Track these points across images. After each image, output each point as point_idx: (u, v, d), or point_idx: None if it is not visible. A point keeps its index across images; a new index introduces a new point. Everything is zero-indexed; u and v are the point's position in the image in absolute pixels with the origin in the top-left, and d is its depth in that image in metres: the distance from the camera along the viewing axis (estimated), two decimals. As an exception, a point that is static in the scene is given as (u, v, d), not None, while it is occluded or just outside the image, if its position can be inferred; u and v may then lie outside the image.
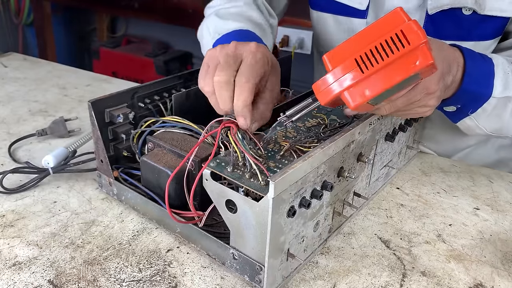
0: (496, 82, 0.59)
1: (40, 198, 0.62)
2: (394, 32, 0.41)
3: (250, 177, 0.45)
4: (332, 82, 0.43)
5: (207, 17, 0.79)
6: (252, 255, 0.46)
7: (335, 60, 0.44)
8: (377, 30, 0.42)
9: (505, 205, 0.65)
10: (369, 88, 0.42)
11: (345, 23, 0.79)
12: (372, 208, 0.63)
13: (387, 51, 0.41)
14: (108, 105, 0.59)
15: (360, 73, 0.42)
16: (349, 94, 0.43)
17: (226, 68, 0.49)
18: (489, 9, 0.65)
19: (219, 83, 0.49)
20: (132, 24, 2.54)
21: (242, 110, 0.48)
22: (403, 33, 0.41)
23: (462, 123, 0.65)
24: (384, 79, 0.42)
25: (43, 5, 2.43)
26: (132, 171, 0.61)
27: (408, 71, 0.41)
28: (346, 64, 0.43)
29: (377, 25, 0.43)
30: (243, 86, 0.48)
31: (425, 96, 0.51)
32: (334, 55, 0.44)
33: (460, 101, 0.60)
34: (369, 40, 0.42)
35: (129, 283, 0.48)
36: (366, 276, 0.51)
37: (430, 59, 0.41)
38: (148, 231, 0.56)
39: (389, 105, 0.49)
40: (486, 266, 0.53)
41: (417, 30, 0.41)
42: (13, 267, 0.50)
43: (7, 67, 1.14)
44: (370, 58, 0.42)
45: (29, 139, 0.77)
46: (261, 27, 0.75)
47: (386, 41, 0.41)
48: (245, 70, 0.49)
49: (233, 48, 0.51)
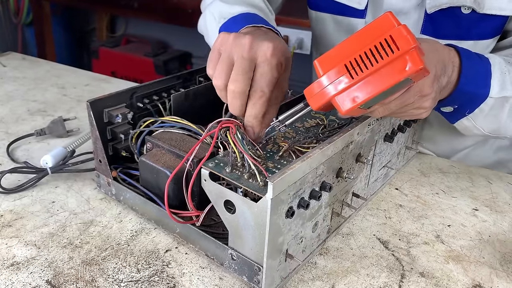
0: (493, 82, 0.58)
1: (38, 198, 0.61)
2: (384, 37, 0.41)
3: (249, 178, 0.45)
4: (323, 87, 0.44)
5: (210, 4, 0.78)
6: (251, 256, 0.46)
7: (325, 65, 0.44)
8: (367, 35, 0.42)
9: (504, 206, 0.65)
10: (359, 93, 0.42)
11: (343, 23, 0.79)
12: (371, 209, 0.63)
13: (376, 56, 0.41)
14: (107, 105, 0.59)
15: (350, 78, 0.42)
16: (340, 99, 0.43)
17: (241, 77, 0.48)
18: (488, 7, 0.65)
19: (233, 93, 0.48)
20: (132, 24, 2.54)
21: (252, 122, 0.48)
22: (392, 39, 0.41)
23: (459, 123, 0.64)
24: (374, 84, 0.42)
25: (42, 5, 2.43)
26: (130, 171, 0.61)
27: (398, 76, 0.41)
28: (336, 70, 0.43)
29: (367, 30, 0.42)
30: (257, 100, 0.48)
31: (419, 98, 0.50)
32: (324, 60, 0.44)
33: (457, 102, 0.60)
34: (359, 45, 0.42)
35: (127, 283, 0.48)
36: (364, 277, 0.50)
37: (420, 64, 0.40)
38: (147, 231, 0.56)
39: (383, 108, 0.49)
40: (485, 267, 0.53)
41: (407, 35, 0.40)
42: (11, 267, 0.49)
43: (6, 66, 1.14)
44: (359, 64, 0.42)
45: (28, 138, 0.77)
46: (265, 12, 0.74)
47: (375, 46, 0.41)
48: (261, 85, 0.49)
49: (248, 46, 0.49)
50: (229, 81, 0.49)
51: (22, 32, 2.60)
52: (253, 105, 0.49)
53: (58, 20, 2.55)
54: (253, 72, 0.49)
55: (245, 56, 0.49)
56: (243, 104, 0.49)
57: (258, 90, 0.49)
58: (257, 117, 0.49)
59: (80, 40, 2.66)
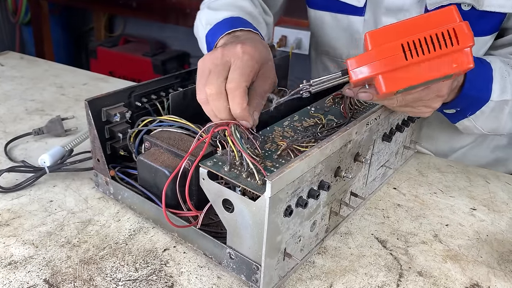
0: (494, 86, 0.61)
1: (36, 197, 0.61)
2: (446, 28, 0.41)
3: (247, 177, 0.45)
4: (371, 62, 0.43)
5: (200, 11, 0.79)
6: (249, 255, 0.46)
7: (377, 41, 0.43)
8: (427, 22, 0.42)
9: (502, 206, 0.65)
10: (407, 77, 0.42)
11: (342, 21, 0.79)
12: (369, 208, 0.63)
13: (435, 44, 0.41)
14: (105, 104, 0.59)
15: (404, 59, 0.42)
16: (384, 78, 0.43)
17: (215, 79, 0.49)
18: (488, 4, 0.66)
19: (211, 96, 0.49)
20: (130, 23, 2.53)
21: (240, 114, 0.48)
22: (455, 32, 0.41)
23: (460, 123, 0.67)
24: (424, 72, 0.42)
25: (40, 4, 2.43)
26: (128, 170, 0.61)
27: (450, 69, 0.42)
28: (390, 47, 0.42)
29: (427, 17, 0.42)
30: (235, 93, 0.48)
31: (434, 97, 0.52)
32: (377, 36, 0.43)
33: (460, 105, 0.62)
34: (418, 30, 0.42)
35: (125, 282, 0.48)
36: (362, 276, 0.51)
37: (471, 63, 0.42)
38: (145, 230, 0.56)
39: (402, 98, 0.50)
40: (483, 266, 0.53)
41: (468, 32, 0.41)
42: (9, 266, 0.49)
43: (4, 65, 1.14)
44: (417, 47, 0.42)
45: (26, 138, 0.77)
46: (252, 15, 0.75)
47: (436, 34, 0.41)
48: (234, 76, 0.49)
49: (220, 54, 0.51)
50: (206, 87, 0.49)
51: (20, 31, 2.60)
52: (232, 98, 0.49)
53: (56, 20, 2.54)
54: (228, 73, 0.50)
55: (218, 63, 0.50)
56: (225, 105, 0.49)
57: (232, 82, 0.49)
58: (242, 107, 0.48)
59: (78, 40, 2.66)
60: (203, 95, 0.51)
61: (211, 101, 0.50)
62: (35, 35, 2.49)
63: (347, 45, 0.81)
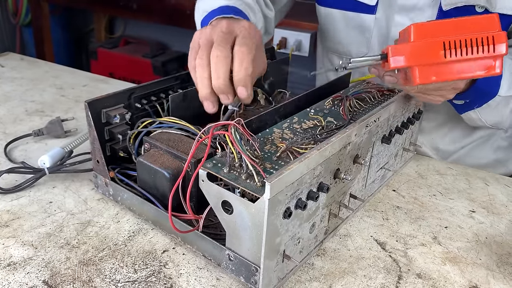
0: (503, 82, 0.65)
1: (35, 198, 0.61)
2: (486, 35, 0.44)
3: (247, 178, 0.45)
4: (411, 53, 0.46)
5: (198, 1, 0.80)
6: (248, 256, 0.46)
7: (420, 34, 0.46)
8: (469, 26, 0.45)
9: (501, 208, 0.65)
10: (441, 73, 0.46)
11: (353, 19, 0.79)
12: (368, 210, 0.63)
13: (473, 48, 0.45)
14: (105, 105, 0.59)
15: (443, 57, 0.45)
16: (420, 71, 0.46)
17: (224, 44, 0.49)
18: (500, 7, 0.67)
19: (217, 58, 0.49)
20: (130, 25, 2.54)
21: (244, 79, 0.48)
22: (493, 40, 0.44)
23: (466, 114, 0.71)
24: (456, 71, 0.46)
25: (41, 5, 2.42)
26: (128, 172, 0.61)
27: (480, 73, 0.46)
28: (433, 43, 0.45)
29: (469, 20, 0.45)
30: (247, 57, 0.49)
31: (451, 89, 0.55)
32: (421, 29, 0.46)
33: (470, 97, 0.65)
34: (459, 31, 0.45)
35: (125, 283, 0.48)
36: (361, 278, 0.51)
37: (499, 71, 0.45)
38: (144, 232, 0.56)
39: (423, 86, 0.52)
40: (482, 269, 0.53)
41: (505, 42, 0.44)
42: (8, 267, 0.49)
43: (4, 67, 1.14)
44: (456, 47, 0.45)
45: (25, 139, 0.77)
46: (249, 6, 0.75)
47: (476, 39, 0.45)
48: (246, 42, 0.50)
49: (226, 25, 0.51)
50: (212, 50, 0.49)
51: (21, 33, 2.60)
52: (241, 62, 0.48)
53: (57, 21, 2.54)
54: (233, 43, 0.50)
55: (224, 31, 0.51)
56: (227, 69, 0.49)
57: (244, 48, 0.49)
58: (248, 72, 0.48)
59: (79, 41, 2.66)
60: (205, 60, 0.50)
61: (214, 64, 0.49)
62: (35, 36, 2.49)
63: (357, 43, 0.81)
